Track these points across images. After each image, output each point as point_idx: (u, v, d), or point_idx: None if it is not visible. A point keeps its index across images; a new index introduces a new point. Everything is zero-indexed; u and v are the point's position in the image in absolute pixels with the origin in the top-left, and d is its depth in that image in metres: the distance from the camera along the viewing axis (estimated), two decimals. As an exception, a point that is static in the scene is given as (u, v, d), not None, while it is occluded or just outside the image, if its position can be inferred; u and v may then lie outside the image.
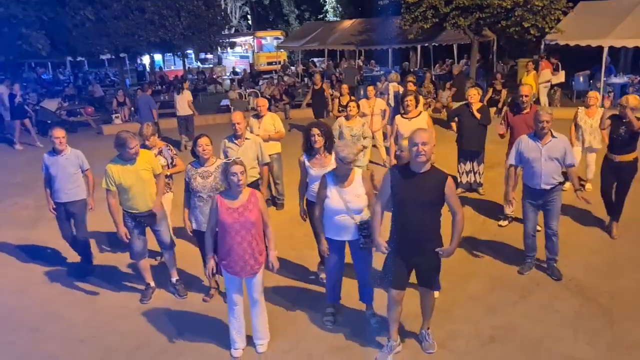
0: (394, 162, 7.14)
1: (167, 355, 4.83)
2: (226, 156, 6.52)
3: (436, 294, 5.24)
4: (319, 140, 5.30)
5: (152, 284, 5.90)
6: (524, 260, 6.10)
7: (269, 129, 7.98)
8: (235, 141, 6.45)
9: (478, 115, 7.99)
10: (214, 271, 4.60)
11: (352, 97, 11.22)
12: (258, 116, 8.13)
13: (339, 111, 10.81)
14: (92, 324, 5.40)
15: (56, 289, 6.22)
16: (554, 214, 5.78)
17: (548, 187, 5.68)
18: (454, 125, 8.55)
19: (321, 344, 4.88)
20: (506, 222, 7.31)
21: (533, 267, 6.06)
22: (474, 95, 8.15)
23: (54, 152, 6.24)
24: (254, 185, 6.37)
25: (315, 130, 5.31)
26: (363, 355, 4.67)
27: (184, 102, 13.53)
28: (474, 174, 8.52)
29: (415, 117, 7.44)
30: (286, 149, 8.43)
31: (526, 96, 6.94)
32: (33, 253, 7.24)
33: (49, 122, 14.95)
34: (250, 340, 4.85)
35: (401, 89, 12.03)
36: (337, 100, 11.20)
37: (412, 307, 4.88)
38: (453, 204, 4.25)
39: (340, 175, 4.74)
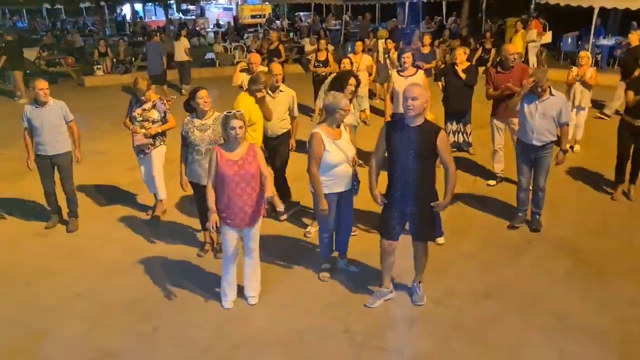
0: (388, 119, 7.14)
1: (164, 308, 4.84)
2: None
3: (441, 240, 5.64)
4: (351, 90, 5.33)
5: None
6: (515, 214, 6.20)
7: None
8: (271, 93, 6.31)
9: (463, 76, 7.92)
10: (217, 225, 4.53)
11: (330, 52, 11.07)
12: (250, 72, 7.94)
13: (314, 66, 10.69)
14: (87, 278, 5.36)
15: (48, 243, 6.15)
16: (543, 171, 5.90)
17: (539, 144, 5.77)
18: (440, 84, 8.52)
19: (318, 299, 4.93)
20: (494, 182, 7.37)
21: (524, 222, 6.17)
22: (460, 55, 8.05)
23: (37, 103, 6.06)
24: (285, 136, 6.35)
25: (354, 81, 5.35)
26: (361, 310, 4.73)
27: (180, 49, 14.09)
28: (461, 134, 8.54)
29: (412, 75, 7.33)
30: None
31: (514, 54, 6.91)
32: (22, 206, 7.12)
33: (28, 72, 14.48)
34: (241, 293, 4.89)
35: (390, 46, 11.89)
36: (314, 55, 11.05)
37: (410, 262, 4.94)
38: (445, 157, 4.32)
39: (332, 129, 4.80)
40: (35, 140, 6.13)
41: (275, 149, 6.39)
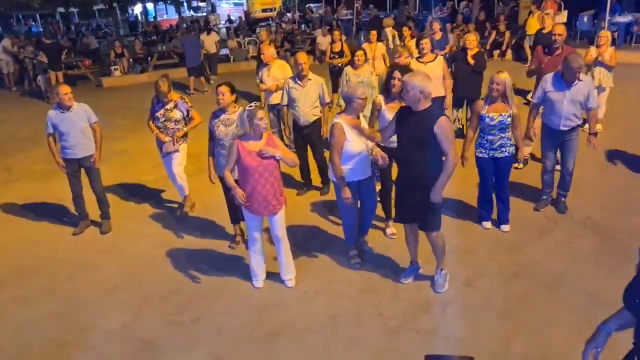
0: None
1: (203, 299, 4.98)
2: (289, 96, 6.59)
3: (506, 227, 5.83)
4: (397, 85, 5.26)
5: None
6: (539, 197, 6.24)
7: (277, 76, 7.89)
8: (299, 81, 6.55)
9: (472, 61, 7.81)
10: (245, 199, 4.62)
11: (345, 43, 11.04)
12: (264, 65, 8.03)
13: (330, 58, 10.71)
14: (124, 272, 5.53)
15: (83, 240, 6.33)
16: (570, 154, 5.89)
17: (566, 129, 5.75)
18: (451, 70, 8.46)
19: (350, 285, 5.03)
20: (522, 165, 7.33)
21: (549, 204, 6.21)
22: (472, 41, 7.94)
23: (61, 108, 6.09)
24: (316, 124, 6.50)
25: (397, 74, 5.31)
26: (393, 294, 4.83)
27: (211, 42, 15.25)
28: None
29: (431, 61, 7.35)
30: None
31: (560, 35, 6.83)
32: (53, 207, 7.27)
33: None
34: (277, 277, 5.08)
35: (406, 33, 11.91)
36: (329, 47, 11.03)
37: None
38: (444, 144, 4.26)
39: (352, 119, 4.86)
40: (61, 144, 6.15)
41: (307, 136, 6.54)
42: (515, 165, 7.28)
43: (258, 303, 4.86)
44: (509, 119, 5.37)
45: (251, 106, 4.53)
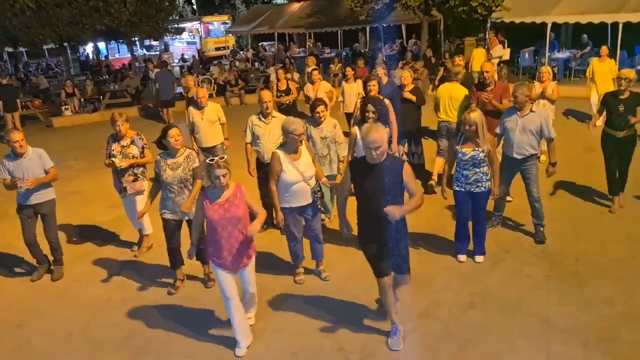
0: None
1: (157, 342, 4.88)
2: (253, 133, 6.58)
3: (480, 258, 5.95)
4: (372, 117, 5.82)
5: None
6: (489, 218, 6.39)
7: (212, 119, 7.75)
8: (263, 119, 6.52)
9: (413, 98, 7.89)
10: (191, 256, 4.66)
11: (290, 81, 11.04)
12: (199, 107, 7.77)
13: (277, 96, 10.47)
14: (77, 318, 5.37)
15: (34, 286, 6.12)
16: (532, 182, 6.12)
17: (520, 157, 6.02)
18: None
19: (308, 321, 5.03)
20: (511, 198, 7.06)
21: (498, 225, 6.46)
22: (406, 77, 8.10)
23: (15, 155, 5.89)
24: None
25: (370, 107, 5.88)
26: (351, 328, 4.85)
27: None
28: (416, 155, 8.37)
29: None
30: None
31: (487, 72, 7.20)
32: (2, 251, 7.03)
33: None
34: None
35: (349, 74, 12.05)
36: (275, 86, 10.88)
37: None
38: (411, 187, 4.31)
39: (291, 151, 5.19)
40: (18, 190, 5.90)
41: None
42: (508, 198, 7.30)
43: (216, 344, 4.78)
44: (482, 154, 5.51)
45: (212, 160, 4.29)
